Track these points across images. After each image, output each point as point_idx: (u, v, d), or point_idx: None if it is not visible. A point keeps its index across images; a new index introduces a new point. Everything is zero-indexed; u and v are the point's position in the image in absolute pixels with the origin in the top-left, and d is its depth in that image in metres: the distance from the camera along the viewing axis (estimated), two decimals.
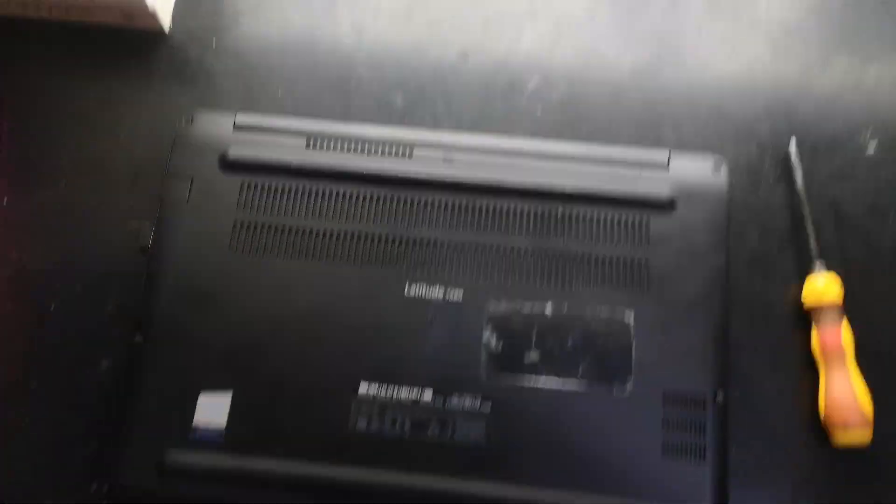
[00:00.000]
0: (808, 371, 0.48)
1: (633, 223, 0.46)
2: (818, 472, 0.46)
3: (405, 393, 0.44)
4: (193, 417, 0.43)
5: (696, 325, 0.45)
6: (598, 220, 0.46)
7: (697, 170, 0.48)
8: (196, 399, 0.44)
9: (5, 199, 0.48)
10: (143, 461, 0.43)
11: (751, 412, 0.47)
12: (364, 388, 0.44)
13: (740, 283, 0.49)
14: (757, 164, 0.52)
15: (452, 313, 0.45)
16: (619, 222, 0.46)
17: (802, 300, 0.48)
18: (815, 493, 0.46)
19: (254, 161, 0.47)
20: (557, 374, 0.44)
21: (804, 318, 0.48)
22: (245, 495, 0.43)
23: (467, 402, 0.44)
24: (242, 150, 0.47)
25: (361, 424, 0.44)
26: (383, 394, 0.44)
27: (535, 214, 0.47)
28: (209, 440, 0.43)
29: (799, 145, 0.51)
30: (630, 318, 0.45)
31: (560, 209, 0.47)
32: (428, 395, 0.44)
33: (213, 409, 0.44)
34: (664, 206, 0.47)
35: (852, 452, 0.46)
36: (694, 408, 0.44)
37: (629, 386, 0.44)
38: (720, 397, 0.44)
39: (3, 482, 0.44)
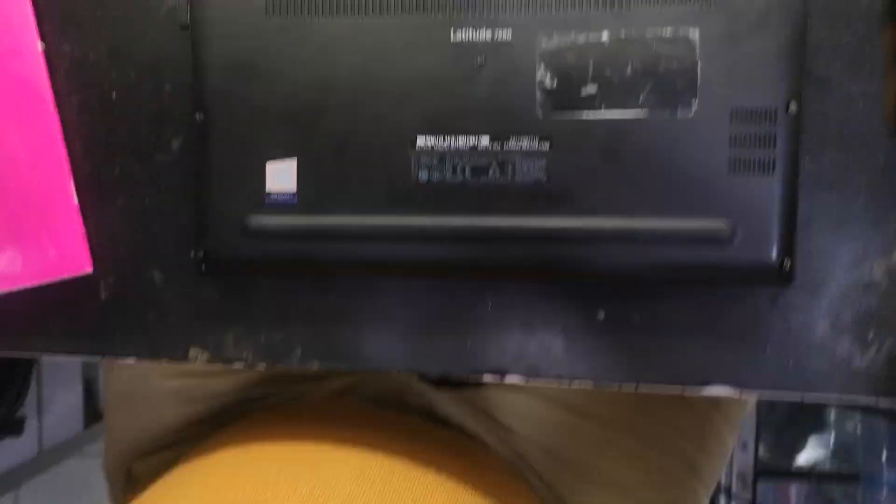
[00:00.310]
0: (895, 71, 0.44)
1: None
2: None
3: (462, 141, 0.44)
4: (265, 185, 0.46)
5: (769, 35, 0.41)
6: None
7: None
8: (264, 167, 0.46)
9: None
10: (228, 228, 0.46)
11: (828, 119, 0.44)
12: (421, 140, 0.44)
13: None
14: None
15: (502, 54, 0.43)
16: None
17: None
18: (893, 193, 0.44)
19: None
20: (618, 105, 0.43)
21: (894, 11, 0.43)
22: (322, 249, 0.46)
23: (525, 142, 0.44)
24: None
25: (423, 175, 0.45)
26: (441, 144, 0.44)
27: None
28: (283, 203, 0.46)
29: None
30: (695, 34, 0.42)
31: None
32: (485, 140, 0.44)
33: (282, 176, 0.46)
34: None
35: None
36: (763, 121, 0.42)
37: (694, 106, 0.42)
38: (793, 108, 0.41)
39: (109, 257, 0.49)
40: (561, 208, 0.44)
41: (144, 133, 0.49)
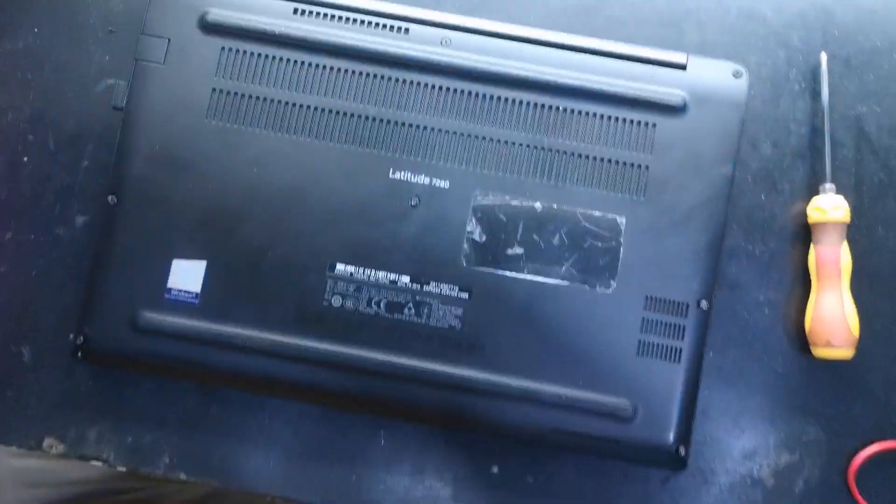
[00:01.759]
0: (800, 286, 0.46)
1: (638, 125, 0.44)
2: (793, 378, 0.46)
3: (382, 275, 0.43)
4: (168, 280, 0.43)
5: (690, 235, 0.43)
6: (602, 119, 0.44)
7: (716, 75, 0.45)
8: (170, 263, 0.43)
9: None
10: (117, 318, 0.43)
11: (735, 319, 0.46)
12: (341, 266, 0.43)
13: (745, 194, 0.47)
14: (782, 74, 0.49)
15: (437, 200, 0.44)
16: (623, 123, 0.44)
17: (807, 216, 0.46)
18: (787, 397, 0.46)
19: (236, 24, 0.45)
20: (540, 270, 0.43)
21: (805, 235, 0.46)
22: (215, 357, 0.43)
23: (445, 288, 0.43)
24: (225, 10, 0.45)
25: (336, 301, 0.43)
26: (360, 274, 0.43)
27: (535, 107, 0.44)
28: (183, 303, 0.43)
29: (830, 58, 0.48)
30: (622, 221, 0.43)
31: (562, 104, 0.44)
32: (406, 279, 0.43)
33: (187, 275, 0.43)
34: (675, 110, 0.44)
35: (830, 364, 0.46)
36: (675, 313, 0.43)
37: (613, 285, 0.43)
38: (704, 305, 0.43)
39: None
40: (470, 359, 0.43)
41: (49, 203, 0.46)
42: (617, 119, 0.44)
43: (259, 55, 0.45)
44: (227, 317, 0.43)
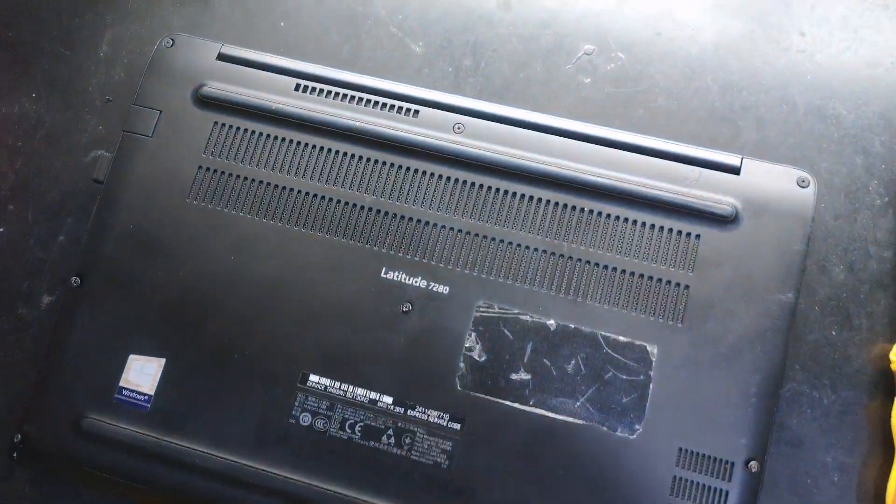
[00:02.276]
0: (880, 449, 0.37)
1: (679, 236, 0.37)
2: None
3: (361, 392, 0.37)
4: (121, 378, 0.38)
5: (738, 374, 0.35)
6: (635, 226, 0.37)
7: (776, 183, 0.38)
8: (126, 358, 0.38)
9: None
10: (60, 417, 0.38)
11: (794, 486, 0.37)
12: (314, 378, 0.37)
13: (811, 328, 0.39)
14: (860, 185, 0.41)
15: (434, 307, 0.37)
16: (661, 232, 0.37)
17: (890, 361, 0.37)
18: None
19: (232, 99, 0.41)
20: (550, 402, 0.36)
21: (887, 384, 0.37)
22: (161, 475, 0.37)
23: (433, 415, 0.36)
24: (222, 84, 0.41)
25: (304, 419, 0.37)
26: (335, 389, 0.37)
27: (555, 206, 0.38)
28: (133, 406, 0.38)
29: None
30: (653, 351, 0.36)
31: (588, 205, 0.38)
32: (388, 399, 0.37)
33: (142, 373, 0.38)
34: (724, 220, 0.37)
35: None
36: (716, 474, 0.34)
37: (638, 430, 0.35)
38: (754, 467, 0.34)
39: None
40: None
41: (18, 279, 0.42)
42: (653, 227, 0.37)
43: (253, 133, 0.40)
44: (178, 428, 0.37)
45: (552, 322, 0.37)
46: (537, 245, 0.37)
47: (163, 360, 0.38)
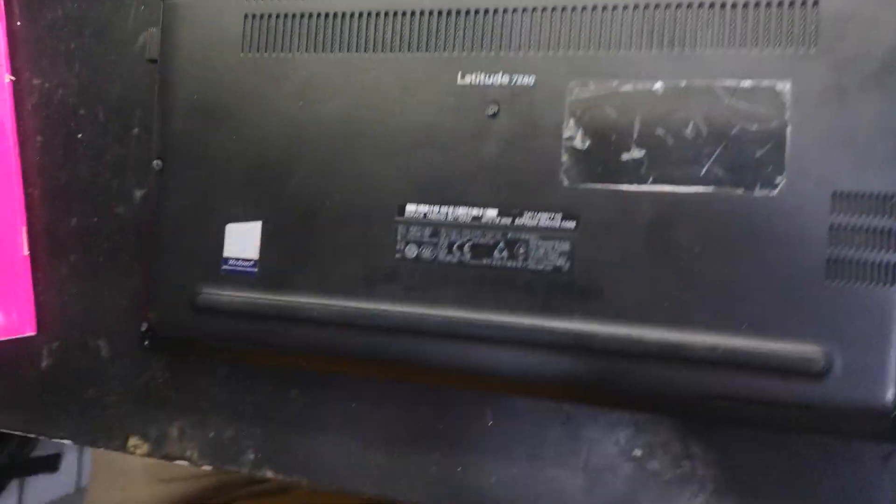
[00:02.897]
0: None
1: None
2: None
3: (463, 211, 0.34)
4: (224, 249, 0.38)
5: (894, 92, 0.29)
6: None
7: None
8: (223, 229, 0.37)
9: (18, 22, 0.43)
10: (176, 299, 0.38)
11: None
12: (412, 208, 0.35)
13: None
14: None
15: (522, 102, 0.33)
16: None
17: None
18: None
19: None
20: (672, 177, 0.31)
21: None
22: (282, 335, 0.36)
23: (543, 219, 0.33)
24: None
25: (410, 251, 0.35)
26: (435, 214, 0.34)
27: None
28: (242, 273, 0.37)
29: None
30: (785, 87, 0.30)
31: None
32: (492, 212, 0.34)
33: (243, 240, 0.37)
34: None
35: None
36: (880, 211, 0.29)
37: (780, 184, 0.30)
38: None
39: (55, 319, 0.42)
40: (586, 308, 0.32)
41: (106, 180, 0.42)
42: None
43: None
44: (287, 285, 0.36)
45: (659, 85, 0.32)
46: (626, 2, 0.32)
47: (259, 224, 0.37)
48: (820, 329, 0.30)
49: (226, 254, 0.37)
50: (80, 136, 0.43)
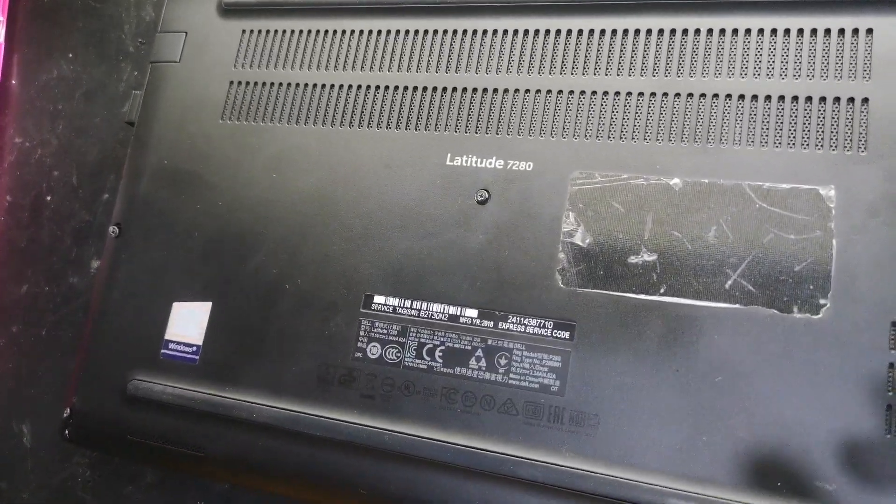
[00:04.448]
0: None
1: (841, 37, 0.26)
2: None
3: (438, 309, 0.29)
4: (166, 330, 0.33)
5: None
6: (775, 36, 0.27)
7: None
8: (170, 307, 0.33)
9: (13, 81, 0.41)
10: (105, 385, 0.32)
11: None
12: (380, 300, 0.30)
13: None
14: None
15: (517, 189, 0.29)
16: (814, 37, 0.27)
17: None
18: None
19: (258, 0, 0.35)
20: (688, 289, 0.26)
21: None
22: (217, 438, 0.30)
23: (533, 325, 0.28)
24: None
25: (372, 351, 0.29)
26: (406, 309, 0.29)
27: (658, 35, 0.29)
28: (181, 359, 0.32)
29: None
30: (830, 195, 0.25)
31: (701, 23, 0.28)
32: (471, 312, 0.29)
33: (188, 321, 0.32)
34: None
35: None
36: None
37: (825, 307, 0.24)
38: None
39: None
40: (577, 443, 0.26)
41: (66, 248, 0.38)
42: (800, 32, 0.27)
43: (283, 32, 0.34)
44: (230, 380, 0.31)
45: (676, 181, 0.27)
46: (641, 88, 0.28)
47: (209, 304, 0.32)
48: (882, 498, 0.23)
49: (167, 335, 0.32)
50: (48, 198, 0.39)
